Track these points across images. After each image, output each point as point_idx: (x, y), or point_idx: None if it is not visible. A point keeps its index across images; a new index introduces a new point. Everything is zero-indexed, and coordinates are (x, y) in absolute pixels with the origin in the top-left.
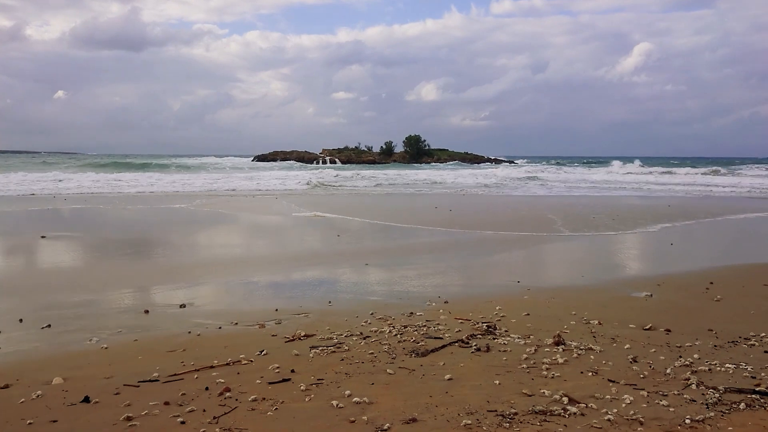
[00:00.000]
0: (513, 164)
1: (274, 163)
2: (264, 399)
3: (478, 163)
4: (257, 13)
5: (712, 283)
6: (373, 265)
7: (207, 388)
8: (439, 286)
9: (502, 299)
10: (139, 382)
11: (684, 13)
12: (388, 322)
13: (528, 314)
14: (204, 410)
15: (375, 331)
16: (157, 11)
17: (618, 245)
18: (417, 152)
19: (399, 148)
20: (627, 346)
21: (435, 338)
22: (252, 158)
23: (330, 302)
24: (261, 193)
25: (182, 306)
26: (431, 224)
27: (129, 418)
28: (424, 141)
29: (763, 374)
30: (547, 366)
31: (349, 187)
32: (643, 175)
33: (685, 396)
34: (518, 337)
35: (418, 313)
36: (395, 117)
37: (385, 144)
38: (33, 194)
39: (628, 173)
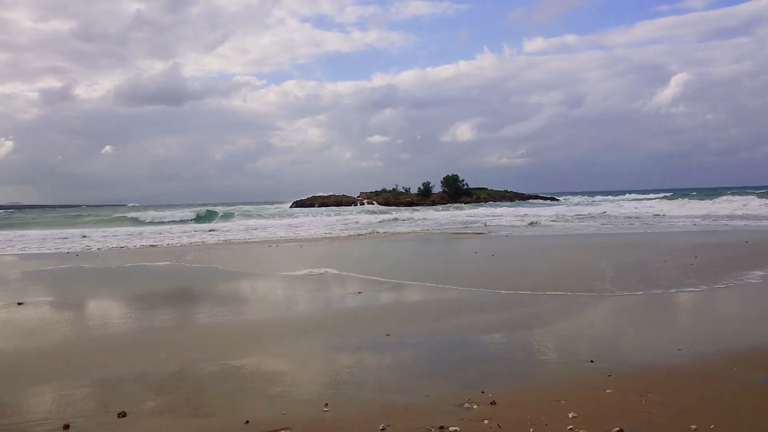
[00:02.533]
0: (554, 200)
1: (311, 209)
2: None
3: (521, 200)
4: (294, 63)
5: None
6: (385, 345)
7: None
8: (480, 372)
9: (573, 394)
10: None
11: (721, 41)
12: None
13: (621, 431)
14: None
15: None
16: (198, 66)
17: (713, 303)
18: (455, 192)
19: (437, 189)
20: None
21: None
22: (291, 204)
23: (326, 406)
24: (287, 240)
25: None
26: (469, 279)
27: None
28: (462, 180)
29: None
30: None
31: (381, 233)
32: (692, 205)
33: None
34: None
35: (451, 429)
36: (431, 158)
37: (423, 185)
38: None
39: (681, 204)
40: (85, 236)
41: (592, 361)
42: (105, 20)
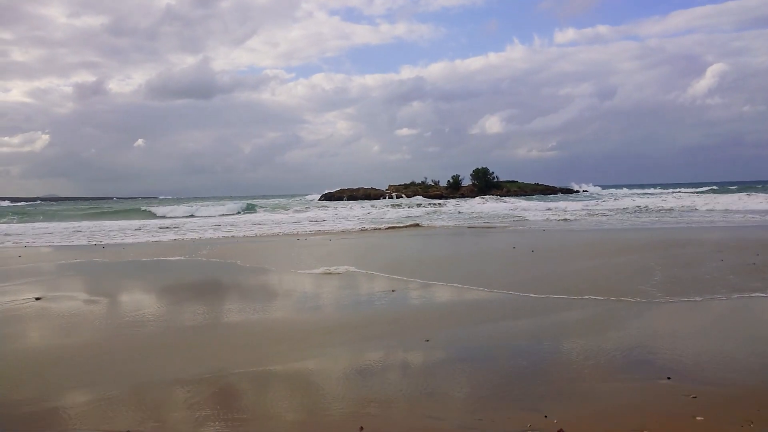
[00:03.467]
0: (585, 193)
1: (339, 202)
2: None
3: (552, 194)
4: (322, 56)
5: None
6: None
7: None
8: (538, 389)
9: (658, 422)
10: None
11: (760, 31)
12: None
13: None
14: None
15: None
16: (228, 60)
17: None
18: (485, 185)
19: (466, 182)
20: None
21: None
22: (319, 197)
23: (361, 430)
24: (310, 233)
25: None
26: (511, 278)
27: None
28: (492, 173)
29: None
30: None
31: (425, 225)
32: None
33: None
34: None
35: None
36: (459, 151)
37: (452, 178)
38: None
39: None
40: (126, 228)
41: (669, 378)
42: (135, 15)
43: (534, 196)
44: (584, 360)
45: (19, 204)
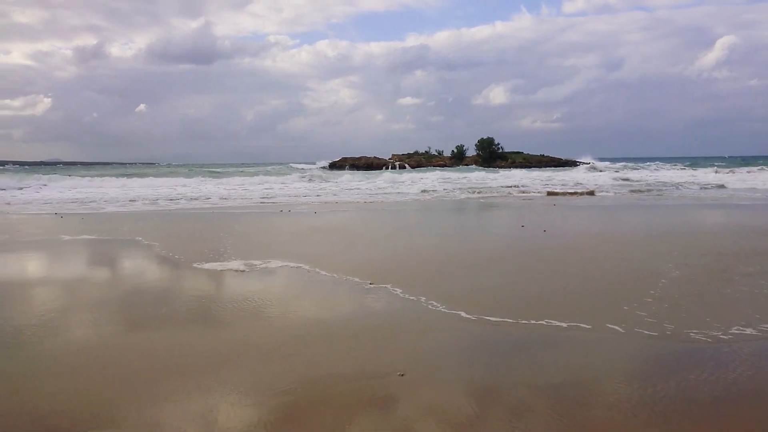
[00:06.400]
0: (591, 166)
1: (344, 170)
2: None
3: (560, 166)
4: (328, 22)
5: None
6: None
7: None
8: None
9: None
10: None
11: None
12: None
13: None
14: None
15: None
16: (232, 25)
17: None
18: (490, 156)
19: (470, 152)
20: None
21: None
22: (323, 164)
23: None
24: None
25: None
26: (520, 291)
27: None
28: (498, 144)
29: None
30: None
31: (413, 194)
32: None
33: None
34: None
35: None
36: (463, 121)
37: (456, 148)
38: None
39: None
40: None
41: None
42: None
43: (547, 168)
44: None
45: (27, 168)
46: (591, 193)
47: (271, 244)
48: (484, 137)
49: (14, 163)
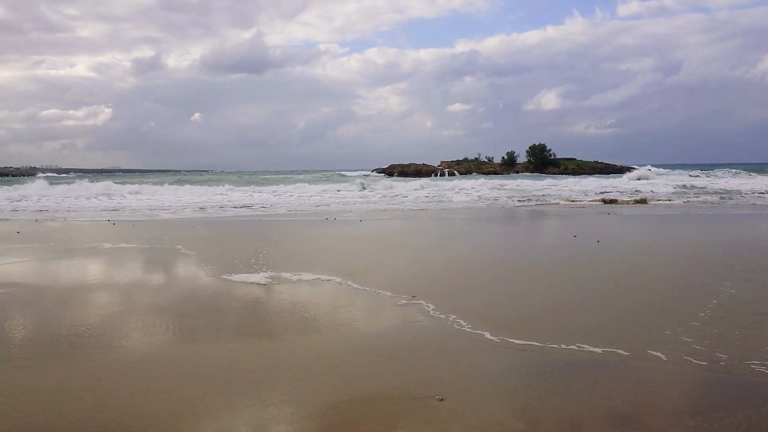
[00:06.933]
0: (647, 172)
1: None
2: None
3: (615, 172)
4: (377, 30)
5: None
6: None
7: None
8: None
9: None
10: None
11: None
12: None
13: None
14: None
15: None
16: (283, 34)
17: None
18: (542, 162)
19: (521, 159)
20: None
21: None
22: (373, 171)
23: None
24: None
25: None
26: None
27: None
28: (550, 150)
29: None
30: None
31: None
32: None
33: None
34: None
35: None
36: (514, 127)
37: (507, 154)
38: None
39: None
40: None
41: None
42: None
43: (605, 176)
44: None
45: (89, 174)
46: (644, 201)
47: (309, 254)
48: (536, 143)
49: (76, 170)
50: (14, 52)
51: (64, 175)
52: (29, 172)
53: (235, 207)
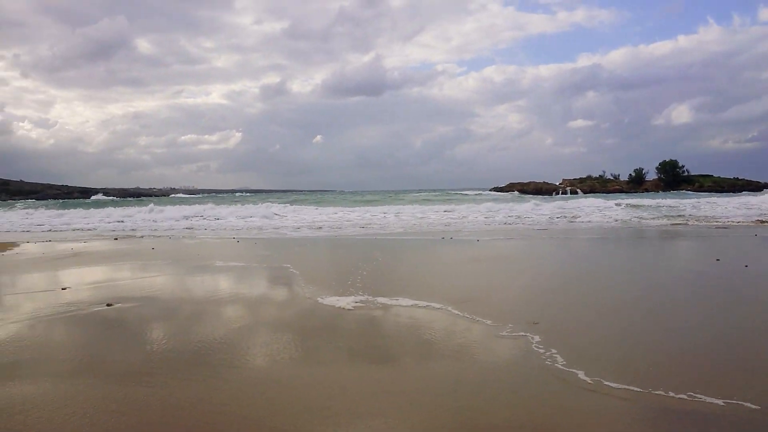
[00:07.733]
0: None
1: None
2: None
3: (754, 190)
4: (495, 48)
5: None
6: None
7: None
8: None
9: None
10: None
11: None
12: None
13: None
14: None
15: None
16: (401, 56)
17: None
18: (673, 179)
19: (650, 176)
20: None
21: None
22: (490, 189)
23: None
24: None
25: None
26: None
27: None
28: (682, 166)
29: None
30: None
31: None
32: None
33: None
34: None
35: None
36: (641, 143)
37: (635, 171)
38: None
39: None
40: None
41: None
42: (311, 19)
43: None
44: None
45: (221, 195)
46: None
47: (413, 277)
48: (666, 159)
49: (208, 191)
50: (158, 83)
51: (198, 195)
52: (168, 192)
53: (355, 226)
